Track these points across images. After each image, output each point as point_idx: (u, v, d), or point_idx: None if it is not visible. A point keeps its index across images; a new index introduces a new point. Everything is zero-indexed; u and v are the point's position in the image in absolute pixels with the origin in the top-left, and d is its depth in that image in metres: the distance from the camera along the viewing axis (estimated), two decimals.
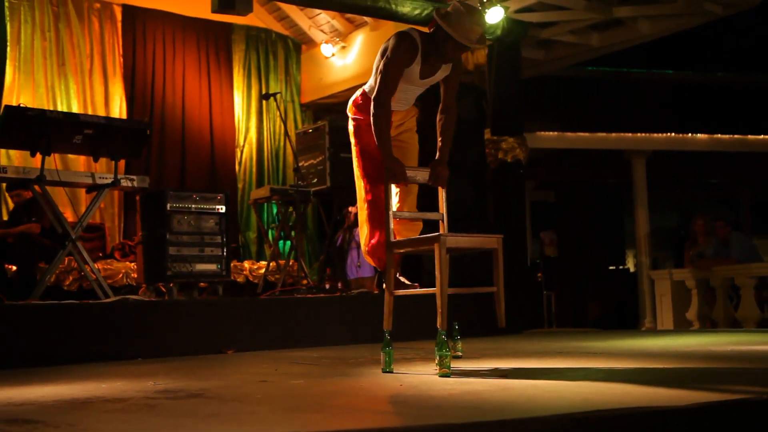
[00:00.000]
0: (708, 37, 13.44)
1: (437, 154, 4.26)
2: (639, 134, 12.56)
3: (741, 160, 14.03)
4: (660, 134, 12.70)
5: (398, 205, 4.46)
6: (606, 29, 9.54)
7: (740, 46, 15.00)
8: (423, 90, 4.43)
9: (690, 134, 12.97)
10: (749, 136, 13.26)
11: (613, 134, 12.49)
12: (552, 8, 8.71)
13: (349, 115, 4.54)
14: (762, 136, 13.32)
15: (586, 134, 12.46)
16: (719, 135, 13.10)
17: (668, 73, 14.34)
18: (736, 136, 13.17)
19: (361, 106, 4.42)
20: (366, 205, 4.50)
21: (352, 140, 4.54)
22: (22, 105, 5.80)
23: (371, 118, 4.15)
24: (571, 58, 10.38)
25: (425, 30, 4.21)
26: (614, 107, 13.12)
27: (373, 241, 4.49)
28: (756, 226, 15.50)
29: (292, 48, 10.52)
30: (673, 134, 12.81)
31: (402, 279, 4.56)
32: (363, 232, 4.60)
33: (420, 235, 4.40)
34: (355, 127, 4.50)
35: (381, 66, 4.18)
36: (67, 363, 4.86)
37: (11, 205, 7.17)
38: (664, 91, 13.88)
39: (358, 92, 4.51)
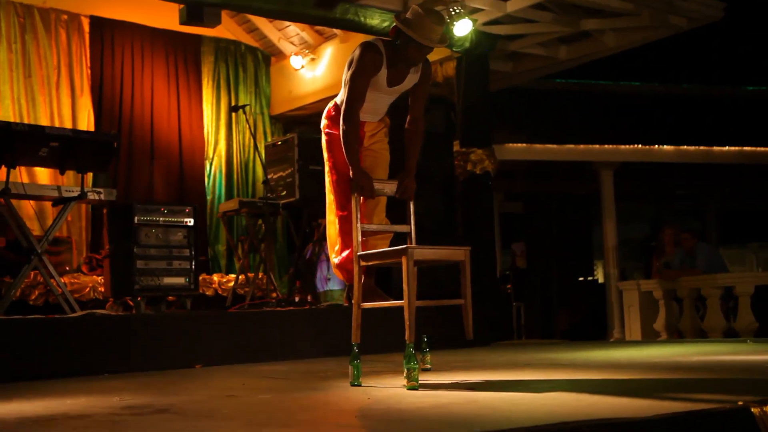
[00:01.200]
0: (674, 50, 13.62)
1: (405, 166, 4.28)
2: (607, 146, 12.67)
3: (707, 172, 14.19)
4: (627, 146, 12.82)
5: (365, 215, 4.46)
6: (573, 42, 9.62)
7: (705, 58, 15.22)
8: (394, 98, 4.45)
9: (657, 146, 13.10)
10: (714, 148, 13.42)
11: (581, 146, 12.58)
12: (520, 21, 8.77)
13: (322, 129, 4.54)
14: (727, 148, 13.49)
15: (555, 146, 12.54)
16: (685, 147, 13.24)
17: (635, 85, 14.50)
18: (701, 147, 13.33)
19: (334, 118, 4.42)
20: (338, 220, 4.50)
21: (325, 155, 4.53)
22: None
23: (340, 132, 4.17)
24: (540, 71, 10.45)
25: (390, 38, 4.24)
26: (582, 119, 13.22)
27: (344, 255, 4.49)
28: (722, 236, 15.69)
29: (262, 60, 10.50)
30: (640, 146, 12.93)
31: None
32: (333, 246, 4.60)
33: (389, 246, 4.40)
34: (327, 141, 4.50)
35: (347, 78, 4.20)
36: (32, 379, 4.79)
37: None
38: (632, 103, 14.02)
39: (330, 104, 4.51)
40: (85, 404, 3.49)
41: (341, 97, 4.36)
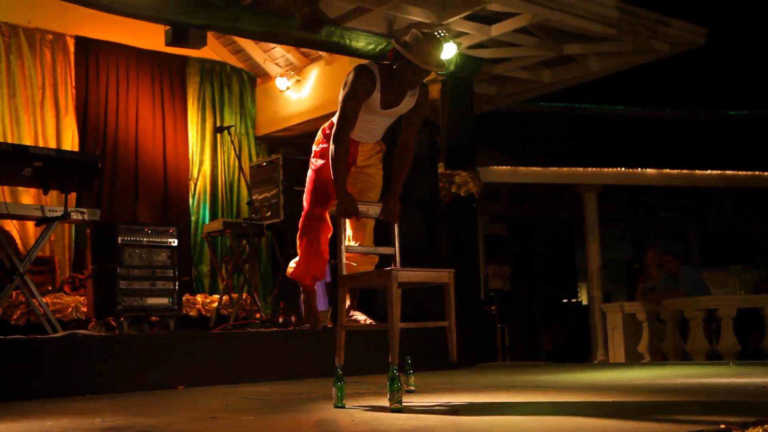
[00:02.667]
0: (657, 75, 13.76)
1: (390, 188, 4.29)
2: (590, 169, 12.74)
3: (689, 195, 14.29)
4: (611, 169, 12.90)
5: (351, 237, 4.52)
6: (557, 66, 9.70)
7: (688, 83, 15.38)
8: (390, 121, 4.44)
9: (640, 169, 13.20)
10: (697, 172, 13.53)
11: (565, 168, 12.65)
12: (504, 45, 8.85)
13: (315, 142, 4.58)
14: (709, 172, 13.60)
15: (539, 168, 12.61)
16: (668, 170, 13.34)
17: (618, 108, 14.63)
18: (684, 171, 13.43)
19: (329, 136, 4.40)
20: (300, 226, 4.76)
21: (311, 165, 4.60)
22: None
23: (329, 153, 4.19)
24: (524, 94, 10.53)
25: (386, 62, 4.24)
26: (566, 142, 13.31)
27: (294, 265, 4.82)
28: (704, 259, 15.78)
29: (247, 81, 10.52)
30: (623, 169, 13.02)
31: (355, 315, 4.57)
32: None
33: (375, 268, 4.42)
34: (317, 153, 4.54)
35: (340, 100, 4.22)
36: (13, 400, 4.75)
37: None
38: (615, 127, 14.15)
39: (326, 123, 4.53)
40: (67, 426, 3.46)
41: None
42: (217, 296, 8.54)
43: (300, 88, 10.09)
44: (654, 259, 9.62)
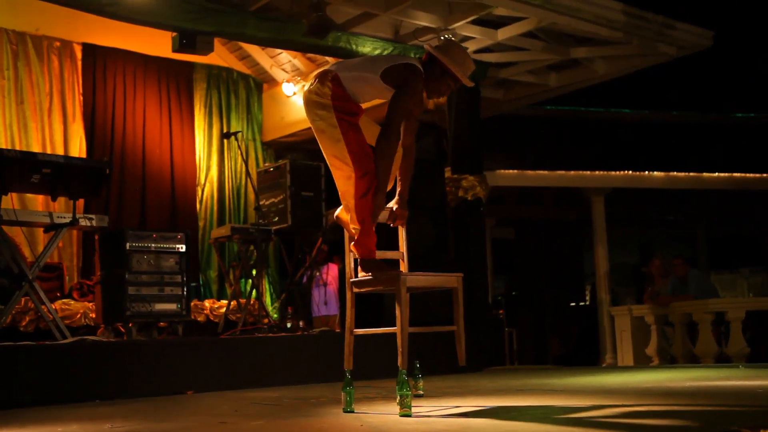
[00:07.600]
0: (664, 77, 13.75)
1: (396, 194, 4.26)
2: (597, 172, 12.73)
3: (697, 198, 14.27)
4: (618, 172, 12.89)
5: None
6: (563, 69, 9.71)
7: (695, 86, 15.37)
8: None
9: (647, 172, 13.18)
10: (704, 174, 13.51)
11: (572, 172, 12.64)
12: (510, 49, 8.86)
13: (322, 91, 3.96)
14: (716, 174, 13.58)
15: (546, 172, 12.60)
16: (675, 173, 13.32)
17: (625, 111, 14.63)
18: (691, 173, 13.41)
19: (339, 94, 3.97)
20: (363, 177, 3.88)
21: (334, 110, 3.93)
22: None
23: (375, 157, 3.86)
24: (530, 98, 10.54)
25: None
26: (573, 145, 13.32)
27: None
28: (711, 262, 15.75)
29: (254, 87, 10.54)
30: (630, 172, 13.00)
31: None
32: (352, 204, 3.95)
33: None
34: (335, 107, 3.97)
35: (397, 100, 3.95)
36: (23, 406, 4.77)
37: None
38: (622, 130, 14.15)
39: (329, 73, 4.01)
40: (77, 431, 3.47)
41: (337, 68, 4.04)
42: (225, 302, 8.55)
43: None
44: (660, 268, 9.57)
